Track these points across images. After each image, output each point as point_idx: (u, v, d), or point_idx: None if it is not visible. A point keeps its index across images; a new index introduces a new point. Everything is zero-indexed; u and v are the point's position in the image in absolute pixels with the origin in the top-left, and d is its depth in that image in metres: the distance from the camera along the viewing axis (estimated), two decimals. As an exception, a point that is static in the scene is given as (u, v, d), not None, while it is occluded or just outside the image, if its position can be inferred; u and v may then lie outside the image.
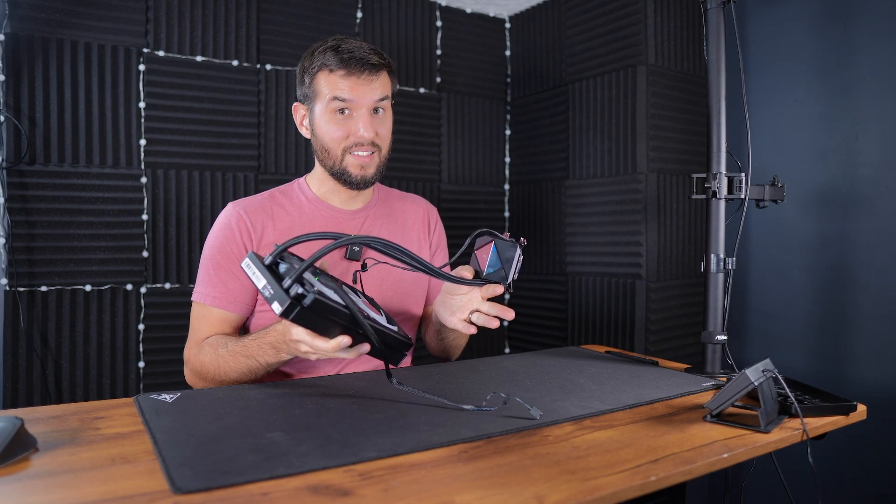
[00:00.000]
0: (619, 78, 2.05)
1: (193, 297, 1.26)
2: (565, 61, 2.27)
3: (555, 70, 2.33)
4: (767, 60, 2.03)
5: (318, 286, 0.89)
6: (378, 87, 1.26)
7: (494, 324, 1.07)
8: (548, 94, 2.36)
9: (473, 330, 1.11)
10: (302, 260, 0.93)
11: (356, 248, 1.27)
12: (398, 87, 1.41)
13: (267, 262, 0.92)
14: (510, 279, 1.03)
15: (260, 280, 0.89)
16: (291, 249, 0.97)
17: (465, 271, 1.08)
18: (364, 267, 1.07)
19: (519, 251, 1.03)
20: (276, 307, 0.86)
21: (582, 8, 2.20)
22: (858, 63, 1.80)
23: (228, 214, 1.27)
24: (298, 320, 0.88)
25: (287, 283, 0.86)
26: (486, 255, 1.05)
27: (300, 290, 0.85)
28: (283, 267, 0.93)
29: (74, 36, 1.78)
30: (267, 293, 0.87)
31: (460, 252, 1.10)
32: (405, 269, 1.00)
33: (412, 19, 2.34)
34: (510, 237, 1.05)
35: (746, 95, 1.48)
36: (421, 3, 2.35)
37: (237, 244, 1.25)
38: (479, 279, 1.06)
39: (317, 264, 0.97)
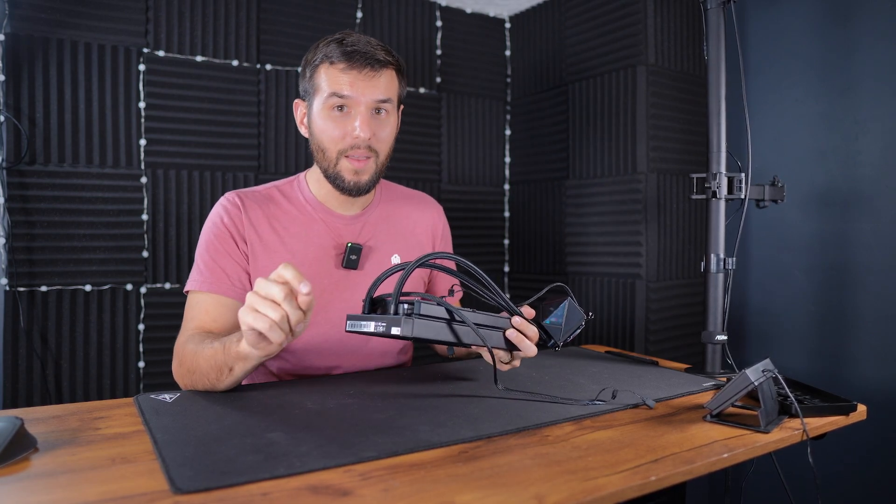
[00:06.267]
0: (619, 78, 2.05)
1: (186, 288, 1.20)
2: (565, 61, 2.27)
3: (555, 70, 2.32)
4: (767, 60, 2.03)
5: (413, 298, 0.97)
6: (381, 86, 1.19)
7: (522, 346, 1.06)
8: (548, 94, 2.36)
9: (504, 368, 1.11)
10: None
11: (353, 257, 1.26)
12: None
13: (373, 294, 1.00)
14: (563, 340, 1.10)
15: (368, 326, 0.96)
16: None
17: (526, 309, 1.07)
18: (451, 292, 1.09)
19: (583, 322, 1.11)
20: (396, 331, 0.92)
21: (582, 8, 2.20)
22: (858, 63, 1.80)
23: (224, 200, 1.25)
24: (420, 332, 0.94)
25: (392, 308, 0.95)
26: (552, 308, 1.11)
27: (406, 307, 0.94)
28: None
29: (74, 36, 1.78)
30: (381, 329, 0.94)
31: (534, 297, 1.14)
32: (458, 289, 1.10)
33: (412, 19, 2.34)
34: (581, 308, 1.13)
35: (746, 95, 1.48)
36: (421, 3, 2.35)
37: (231, 227, 1.22)
38: (535, 322, 1.09)
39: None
